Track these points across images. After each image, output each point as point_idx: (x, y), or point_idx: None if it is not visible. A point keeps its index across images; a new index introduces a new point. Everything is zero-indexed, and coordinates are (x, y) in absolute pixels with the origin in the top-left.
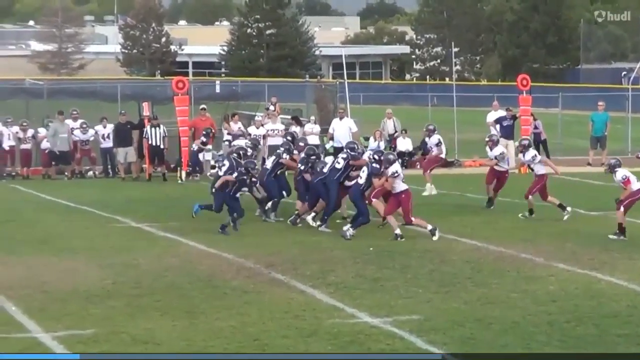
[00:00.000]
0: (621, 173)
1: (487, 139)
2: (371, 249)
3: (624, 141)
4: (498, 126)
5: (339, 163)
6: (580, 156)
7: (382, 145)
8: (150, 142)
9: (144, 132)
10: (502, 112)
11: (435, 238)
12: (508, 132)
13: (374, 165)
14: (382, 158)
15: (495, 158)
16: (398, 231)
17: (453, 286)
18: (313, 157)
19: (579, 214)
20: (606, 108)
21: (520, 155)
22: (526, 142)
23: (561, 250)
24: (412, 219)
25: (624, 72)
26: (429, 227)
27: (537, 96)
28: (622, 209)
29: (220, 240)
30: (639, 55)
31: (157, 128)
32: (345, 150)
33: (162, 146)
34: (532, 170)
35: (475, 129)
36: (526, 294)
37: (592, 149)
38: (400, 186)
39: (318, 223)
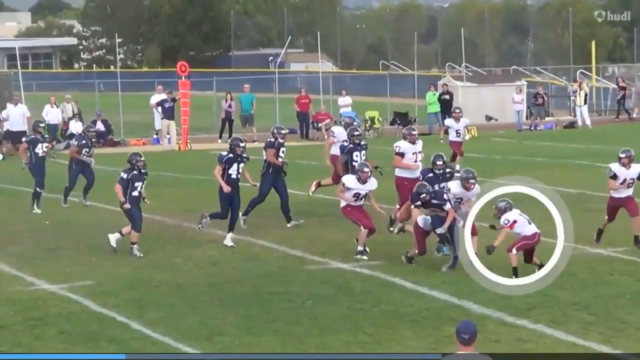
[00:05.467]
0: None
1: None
2: (47, 222)
3: (273, 119)
4: (160, 108)
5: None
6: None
7: None
8: None
9: None
10: (164, 95)
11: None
12: (169, 113)
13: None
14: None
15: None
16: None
17: (122, 254)
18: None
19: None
20: (256, 90)
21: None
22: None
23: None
24: None
25: (270, 57)
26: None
27: (194, 80)
28: (514, 251)
29: None
30: (284, 42)
31: None
32: None
33: None
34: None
35: (139, 112)
36: (189, 259)
37: (243, 126)
38: None
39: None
